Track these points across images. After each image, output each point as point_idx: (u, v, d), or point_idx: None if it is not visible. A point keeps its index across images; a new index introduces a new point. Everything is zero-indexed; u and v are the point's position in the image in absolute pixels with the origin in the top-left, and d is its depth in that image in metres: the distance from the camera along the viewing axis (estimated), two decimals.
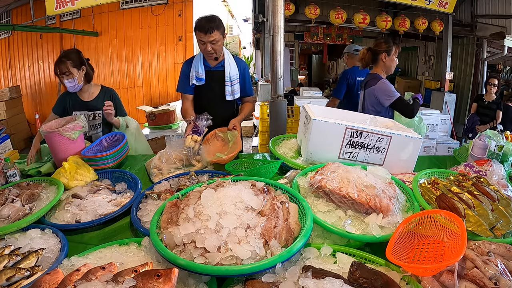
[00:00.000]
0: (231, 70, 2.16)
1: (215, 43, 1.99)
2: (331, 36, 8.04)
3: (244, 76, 2.25)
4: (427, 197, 1.17)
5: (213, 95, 2.20)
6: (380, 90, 2.24)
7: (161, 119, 4.72)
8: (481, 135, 1.75)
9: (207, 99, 2.22)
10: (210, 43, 1.98)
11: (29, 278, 0.91)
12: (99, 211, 1.28)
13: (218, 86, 2.18)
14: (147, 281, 0.73)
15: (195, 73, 2.13)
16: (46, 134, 1.67)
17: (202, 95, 2.21)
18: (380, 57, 2.30)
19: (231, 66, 2.16)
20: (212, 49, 2.01)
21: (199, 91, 2.20)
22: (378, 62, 2.33)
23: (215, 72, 2.17)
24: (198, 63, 2.13)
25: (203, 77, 2.14)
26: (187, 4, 6.17)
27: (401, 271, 0.84)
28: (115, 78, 6.59)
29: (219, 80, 2.17)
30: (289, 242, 0.91)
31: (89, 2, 4.26)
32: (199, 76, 2.13)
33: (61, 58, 1.96)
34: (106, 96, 2.13)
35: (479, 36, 5.54)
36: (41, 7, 4.18)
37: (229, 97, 2.20)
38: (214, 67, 2.16)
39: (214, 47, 2.01)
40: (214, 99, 2.21)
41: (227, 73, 2.15)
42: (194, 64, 2.14)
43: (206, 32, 1.94)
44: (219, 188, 1.04)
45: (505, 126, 2.22)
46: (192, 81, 2.14)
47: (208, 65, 2.15)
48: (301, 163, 1.56)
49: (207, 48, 2.00)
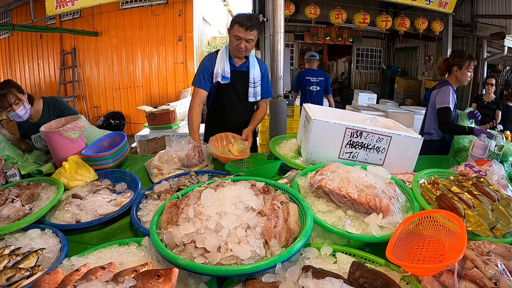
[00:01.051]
0: (255, 72, 2.13)
1: (250, 42, 1.96)
2: (331, 36, 8.04)
3: (264, 77, 2.22)
4: (427, 197, 1.17)
5: (235, 95, 2.15)
6: (439, 93, 2.36)
7: (161, 119, 4.71)
8: (481, 135, 1.75)
9: (229, 99, 2.15)
10: (246, 41, 1.94)
11: (29, 278, 0.91)
12: (99, 211, 1.28)
13: (241, 86, 2.14)
14: (147, 281, 0.73)
15: (220, 71, 2.06)
16: (46, 134, 1.67)
17: (224, 94, 2.14)
18: (452, 69, 2.40)
19: (255, 68, 2.14)
20: (245, 47, 1.98)
21: (221, 89, 2.12)
22: (451, 73, 2.43)
23: (239, 71, 2.12)
24: (224, 61, 2.06)
25: (228, 76, 2.08)
26: (187, 4, 6.17)
27: (401, 271, 0.84)
28: (115, 78, 6.59)
29: (243, 81, 2.13)
30: (289, 242, 0.91)
31: (89, 2, 4.26)
32: (225, 74, 2.07)
33: (2, 91, 1.76)
34: (50, 108, 1.99)
35: (479, 36, 5.54)
36: (41, 7, 4.18)
37: (252, 98, 2.16)
38: (239, 66, 2.11)
39: (247, 46, 1.98)
40: (236, 99, 2.16)
41: (251, 74, 2.11)
42: (219, 61, 2.06)
43: (247, 29, 1.89)
44: (219, 188, 1.04)
45: (505, 126, 2.21)
46: (217, 79, 2.06)
47: (234, 63, 2.09)
48: (301, 163, 1.56)
49: (241, 45, 1.95)
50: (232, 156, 1.81)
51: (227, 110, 2.17)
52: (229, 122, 2.17)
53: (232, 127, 2.10)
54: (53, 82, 6.82)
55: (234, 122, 2.17)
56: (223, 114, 2.19)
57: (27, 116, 1.88)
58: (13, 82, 1.86)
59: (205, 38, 8.43)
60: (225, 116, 2.19)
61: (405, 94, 7.37)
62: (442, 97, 2.32)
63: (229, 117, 2.18)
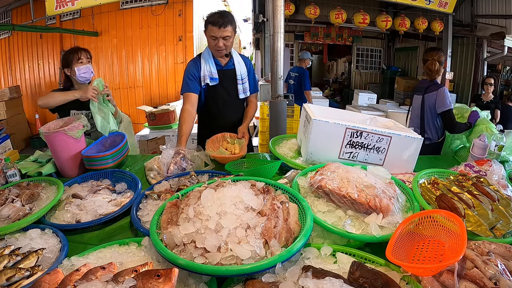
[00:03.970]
0: (241, 68, 2.12)
1: (227, 39, 1.93)
2: (331, 36, 8.04)
3: (250, 72, 2.20)
4: (427, 197, 1.17)
5: (227, 94, 2.14)
6: (438, 96, 2.40)
7: (161, 119, 4.72)
8: (481, 135, 1.75)
9: (221, 98, 2.13)
10: (223, 38, 1.92)
11: (29, 278, 0.91)
12: (99, 211, 1.28)
13: (230, 85, 2.13)
14: (147, 281, 0.73)
15: (207, 73, 2.03)
16: (49, 134, 1.66)
17: (215, 95, 2.12)
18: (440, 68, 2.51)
19: (241, 64, 2.12)
20: (224, 45, 1.95)
21: (211, 91, 2.10)
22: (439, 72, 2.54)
23: (226, 70, 2.10)
24: (209, 62, 2.04)
25: (216, 76, 2.06)
26: (187, 4, 6.17)
27: (401, 271, 0.84)
28: (115, 78, 6.58)
29: (231, 79, 2.12)
30: (289, 242, 0.91)
31: (89, 2, 4.26)
32: (213, 75, 2.05)
33: (78, 48, 1.97)
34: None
35: (479, 36, 5.54)
36: (41, 7, 4.18)
37: (242, 95, 2.15)
38: (225, 65, 2.10)
39: (226, 43, 1.95)
40: (228, 99, 2.15)
41: (238, 71, 2.10)
42: (204, 64, 2.04)
43: (220, 27, 1.87)
44: (219, 188, 1.04)
45: (505, 126, 2.22)
46: (205, 81, 2.04)
47: (220, 64, 2.08)
48: (301, 163, 1.56)
49: (219, 44, 1.93)
50: (227, 155, 1.81)
51: (220, 111, 2.15)
52: (224, 122, 2.16)
53: (227, 126, 2.10)
54: (53, 82, 6.81)
55: (229, 121, 2.16)
56: (217, 115, 2.17)
57: (85, 80, 1.99)
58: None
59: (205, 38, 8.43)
60: (219, 116, 2.17)
61: (405, 94, 7.36)
62: (442, 99, 2.35)
63: (223, 117, 2.17)
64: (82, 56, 1.97)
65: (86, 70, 1.98)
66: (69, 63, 1.97)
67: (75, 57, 1.96)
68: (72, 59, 1.96)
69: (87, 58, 2.00)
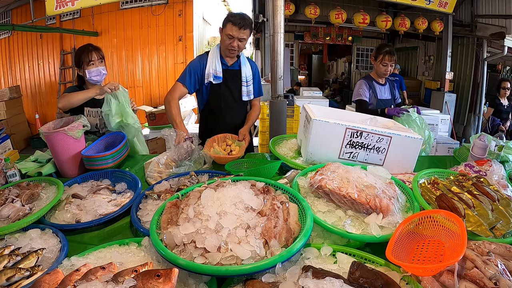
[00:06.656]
0: (246, 70, 2.12)
1: (243, 41, 1.95)
2: (331, 36, 8.05)
3: (255, 76, 2.21)
4: (427, 197, 1.17)
5: (230, 94, 2.13)
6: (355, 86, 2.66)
7: (161, 119, 4.72)
8: (481, 135, 1.75)
9: (224, 98, 2.13)
10: (239, 40, 1.93)
11: (29, 278, 0.91)
12: (99, 211, 1.28)
13: (235, 85, 2.13)
14: (147, 281, 0.73)
15: (212, 71, 2.02)
16: (49, 134, 1.66)
17: (218, 94, 2.12)
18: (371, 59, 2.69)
19: (247, 67, 2.13)
20: (238, 46, 1.96)
21: (215, 89, 2.10)
22: None
23: (232, 70, 2.10)
24: (215, 60, 2.03)
25: (220, 75, 2.05)
26: (187, 4, 6.17)
27: (401, 271, 0.84)
28: (115, 78, 6.58)
29: (236, 79, 2.12)
30: (289, 242, 0.91)
31: (89, 2, 4.26)
32: (217, 74, 2.04)
33: (90, 47, 1.93)
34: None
35: (479, 36, 5.54)
36: (41, 7, 4.18)
37: (245, 97, 2.16)
38: (231, 66, 2.10)
39: (240, 45, 1.96)
40: (230, 99, 2.15)
41: (243, 73, 2.11)
42: (210, 61, 2.03)
43: (240, 27, 1.89)
44: (219, 188, 1.04)
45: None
46: (209, 79, 2.03)
47: (225, 63, 2.07)
48: (301, 163, 1.56)
49: (234, 44, 1.94)
50: (221, 155, 1.81)
51: (222, 110, 2.15)
52: (226, 122, 2.16)
53: (229, 127, 2.09)
54: (53, 82, 6.82)
55: (231, 122, 2.16)
56: (219, 114, 2.17)
57: (99, 80, 1.96)
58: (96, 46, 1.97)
59: (205, 38, 8.44)
60: (221, 116, 2.17)
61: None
62: (355, 90, 2.62)
63: (225, 117, 2.17)
64: (93, 58, 1.93)
65: (97, 73, 1.96)
66: (80, 64, 1.95)
67: (86, 58, 1.93)
68: (83, 60, 1.93)
69: (99, 59, 1.96)
